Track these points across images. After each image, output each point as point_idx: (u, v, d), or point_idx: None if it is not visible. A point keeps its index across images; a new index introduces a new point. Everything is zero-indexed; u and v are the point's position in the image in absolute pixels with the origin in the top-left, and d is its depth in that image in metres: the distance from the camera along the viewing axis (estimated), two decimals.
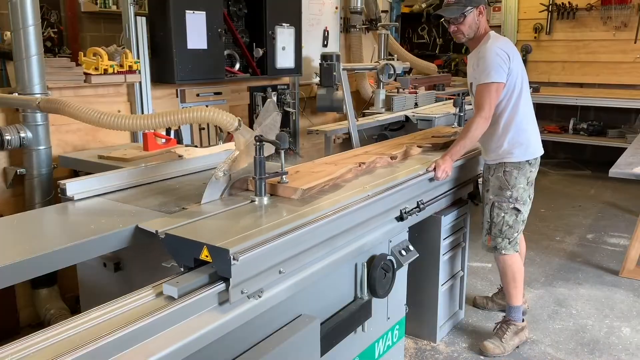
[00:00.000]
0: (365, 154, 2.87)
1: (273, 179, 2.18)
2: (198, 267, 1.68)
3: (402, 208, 2.47)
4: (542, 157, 2.99)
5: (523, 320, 3.06)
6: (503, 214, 2.93)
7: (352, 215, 2.12)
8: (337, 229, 2.05)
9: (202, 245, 1.64)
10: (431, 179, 2.71)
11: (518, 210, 2.93)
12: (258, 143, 2.01)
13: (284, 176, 2.20)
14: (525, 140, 2.89)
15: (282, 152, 2.11)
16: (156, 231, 1.77)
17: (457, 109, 3.77)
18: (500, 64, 2.75)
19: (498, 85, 2.76)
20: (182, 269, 1.70)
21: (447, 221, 2.97)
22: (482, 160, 3.16)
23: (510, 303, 3.04)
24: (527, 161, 2.90)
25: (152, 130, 2.98)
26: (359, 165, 2.58)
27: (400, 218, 2.45)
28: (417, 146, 3.10)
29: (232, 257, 1.57)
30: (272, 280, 1.75)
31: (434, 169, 2.70)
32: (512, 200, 2.91)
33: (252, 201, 2.10)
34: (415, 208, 2.54)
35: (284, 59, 4.72)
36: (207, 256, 1.64)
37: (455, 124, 3.80)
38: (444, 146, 3.13)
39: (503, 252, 2.96)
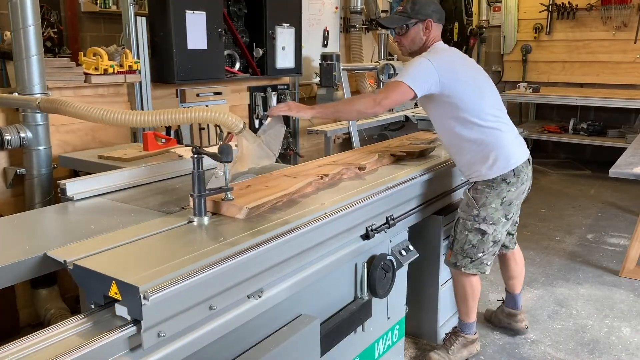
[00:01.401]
0: (331, 165, 2.59)
1: (217, 196, 1.93)
2: (109, 305, 1.44)
3: (369, 225, 2.22)
4: (542, 157, 2.95)
5: (475, 333, 2.89)
6: (466, 232, 2.66)
7: (304, 237, 1.86)
8: (284, 254, 1.79)
9: (110, 280, 1.39)
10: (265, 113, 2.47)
11: (483, 231, 2.63)
12: (196, 155, 1.78)
13: (229, 192, 1.93)
14: (490, 155, 2.56)
15: (226, 165, 1.89)
16: (64, 261, 1.53)
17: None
18: (424, 74, 2.45)
19: (408, 90, 2.43)
20: (92, 307, 1.47)
21: (447, 221, 2.96)
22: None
23: (461, 318, 2.88)
24: (504, 179, 2.58)
25: (158, 127, 2.98)
26: (321, 178, 2.32)
27: (366, 236, 2.20)
28: (391, 154, 2.85)
29: (142, 295, 1.32)
30: (201, 318, 1.51)
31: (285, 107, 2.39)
32: (477, 219, 2.62)
33: (190, 221, 1.85)
34: (384, 224, 2.31)
35: (284, 59, 4.72)
36: (116, 293, 1.39)
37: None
38: (420, 154, 2.96)
39: (463, 270, 2.71)
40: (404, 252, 2.55)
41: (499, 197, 2.60)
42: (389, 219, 2.35)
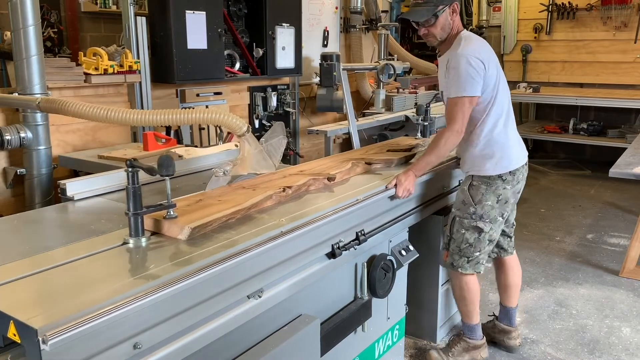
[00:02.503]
0: (298, 175, 2.38)
1: (158, 213, 1.72)
2: (10, 348, 1.26)
3: (335, 242, 2.02)
4: (542, 157, 2.93)
5: (482, 339, 2.82)
6: (463, 231, 2.62)
7: (255, 260, 1.65)
8: (227, 281, 1.57)
9: (8, 318, 1.20)
10: (392, 197, 2.37)
11: (480, 229, 2.60)
12: (131, 169, 1.60)
13: (171, 209, 1.73)
14: (497, 153, 2.56)
15: (168, 179, 1.69)
16: None
17: (421, 118, 3.36)
18: (474, 75, 2.44)
19: (472, 99, 2.47)
20: None
21: (446, 221, 2.95)
22: (455, 173, 2.97)
23: (463, 320, 2.82)
24: (500, 176, 2.56)
25: (158, 127, 2.98)
26: (283, 190, 2.11)
27: (332, 254, 2.00)
28: (366, 163, 2.66)
29: (40, 339, 1.13)
30: (126, 359, 1.31)
31: (395, 185, 2.37)
32: (474, 217, 2.59)
33: (125, 243, 1.65)
34: (353, 240, 2.11)
35: (284, 59, 4.72)
36: (15, 334, 1.20)
37: (419, 134, 3.40)
38: (399, 163, 2.77)
39: (460, 270, 2.67)
40: (404, 252, 2.55)
41: (494, 195, 2.58)
42: (360, 234, 2.15)
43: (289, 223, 1.85)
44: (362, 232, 2.18)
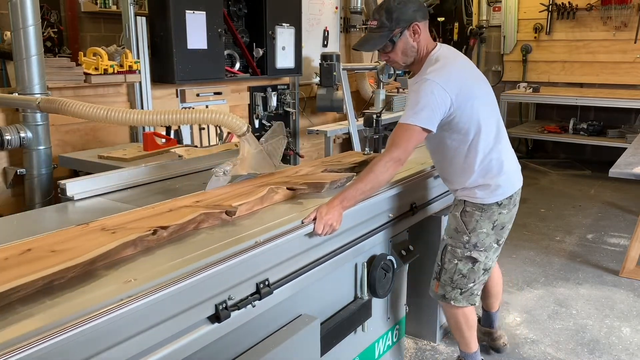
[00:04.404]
0: (192, 206, 1.87)
1: None
2: None
3: (221, 301, 1.54)
4: (542, 157, 2.84)
5: None
6: (456, 261, 2.37)
7: (67, 345, 1.15)
8: None
9: None
10: (311, 234, 1.89)
11: (474, 259, 2.36)
12: None
13: None
14: (492, 182, 2.29)
15: None
16: None
17: (371, 131, 2.92)
18: (434, 108, 2.10)
19: (422, 132, 2.11)
20: None
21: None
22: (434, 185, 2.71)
23: (461, 349, 2.62)
24: (496, 202, 2.31)
25: (162, 126, 2.98)
26: (153, 233, 1.60)
27: (216, 317, 1.53)
28: (288, 188, 2.15)
29: None
30: None
31: (314, 219, 1.90)
32: (468, 246, 2.34)
33: None
34: (251, 295, 1.65)
35: (284, 59, 4.72)
36: None
37: (368, 149, 3.01)
38: (334, 187, 2.26)
39: (453, 302, 2.42)
40: (404, 252, 2.55)
41: (490, 221, 2.33)
42: (261, 285, 1.68)
43: (141, 284, 1.34)
44: (266, 283, 1.70)
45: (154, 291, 1.33)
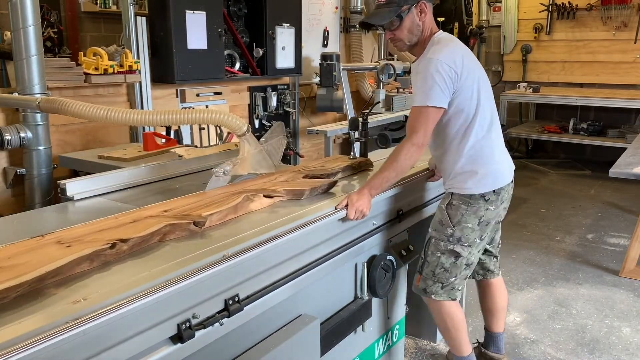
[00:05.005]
0: (159, 217, 1.75)
1: None
2: None
3: (183, 320, 1.42)
4: (542, 157, 2.82)
5: None
6: (439, 254, 2.36)
7: None
8: None
9: None
10: (343, 219, 2.00)
11: (457, 253, 2.34)
12: None
13: None
14: (480, 169, 2.28)
15: None
16: None
17: (356, 134, 2.77)
18: (442, 84, 2.14)
19: (437, 110, 2.16)
20: None
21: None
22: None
23: (454, 353, 2.53)
24: (482, 196, 2.29)
25: (162, 126, 2.98)
26: (112, 247, 1.49)
27: (179, 337, 1.41)
28: (265, 195, 2.03)
29: None
30: None
31: (346, 206, 2.00)
32: (452, 240, 2.32)
33: None
34: (219, 312, 1.53)
35: (284, 59, 4.72)
36: None
37: (355, 152, 2.84)
38: (314, 194, 2.16)
39: (433, 297, 2.41)
40: (404, 252, 2.54)
41: (476, 216, 2.31)
42: (230, 302, 1.56)
43: (92, 304, 1.23)
44: (236, 299, 1.57)
45: (106, 312, 1.21)
